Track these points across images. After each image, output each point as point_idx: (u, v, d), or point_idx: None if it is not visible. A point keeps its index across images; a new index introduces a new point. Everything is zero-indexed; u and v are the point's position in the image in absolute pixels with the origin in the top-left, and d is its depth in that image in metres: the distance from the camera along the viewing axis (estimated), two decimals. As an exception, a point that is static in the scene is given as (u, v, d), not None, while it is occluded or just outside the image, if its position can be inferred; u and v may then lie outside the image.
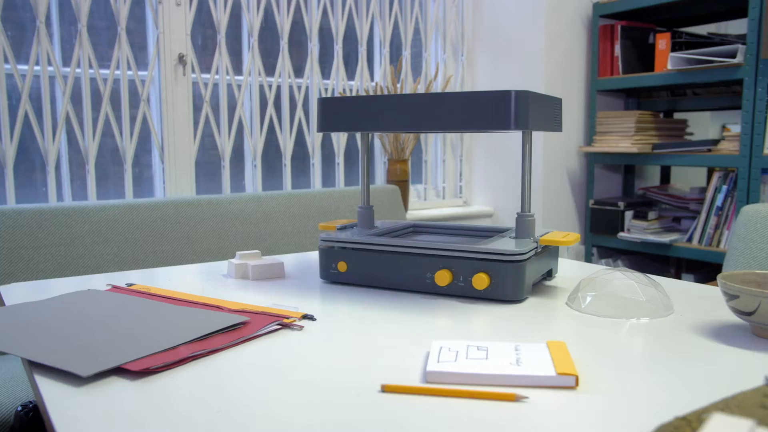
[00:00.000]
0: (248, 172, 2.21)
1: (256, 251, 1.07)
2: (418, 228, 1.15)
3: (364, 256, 0.96)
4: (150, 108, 1.99)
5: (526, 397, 0.55)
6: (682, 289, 0.97)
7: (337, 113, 0.96)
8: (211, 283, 1.01)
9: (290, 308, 0.83)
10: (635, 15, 2.49)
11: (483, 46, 2.66)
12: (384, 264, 0.95)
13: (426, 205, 2.63)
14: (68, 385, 0.59)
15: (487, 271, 0.87)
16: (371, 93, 2.43)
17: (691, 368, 0.63)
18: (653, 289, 0.82)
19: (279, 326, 0.76)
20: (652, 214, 2.43)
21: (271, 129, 2.23)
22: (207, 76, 2.08)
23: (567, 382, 0.57)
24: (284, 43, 2.20)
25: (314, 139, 2.31)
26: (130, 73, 1.93)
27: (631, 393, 0.56)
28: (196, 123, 2.07)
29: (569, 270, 1.12)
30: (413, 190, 2.65)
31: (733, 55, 2.09)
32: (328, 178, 2.41)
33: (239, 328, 0.73)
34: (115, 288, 0.94)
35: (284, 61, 2.21)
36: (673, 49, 2.24)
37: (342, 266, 0.98)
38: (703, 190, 2.45)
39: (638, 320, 0.79)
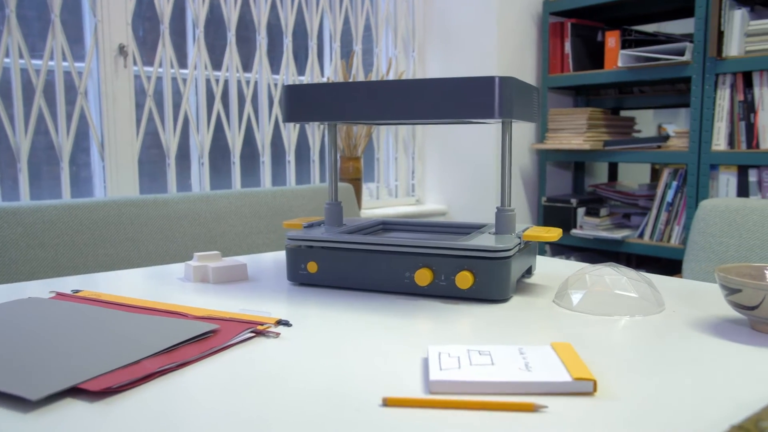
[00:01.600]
0: (195, 170, 2.10)
1: (216, 252, 0.99)
2: (388, 225, 1.09)
3: (336, 255, 0.90)
4: (88, 102, 1.86)
5: (545, 407, 0.50)
6: (667, 285, 0.95)
7: (306, 102, 0.89)
8: (168, 287, 0.92)
9: (261, 313, 0.76)
10: (584, 13, 2.50)
11: (434, 42, 2.63)
12: (359, 263, 0.88)
13: (379, 203, 2.58)
14: (15, 411, 0.50)
15: (471, 269, 0.82)
16: (322, 89, 2.36)
17: (702, 368, 0.59)
18: (645, 285, 0.79)
19: (253, 334, 0.68)
20: (603, 211, 2.45)
21: (218, 125, 2.13)
22: (150, 69, 1.97)
23: (584, 387, 0.52)
24: (231, 36, 2.11)
25: (264, 136, 2.22)
26: (65, 64, 1.80)
27: (651, 397, 0.52)
28: (138, 119, 1.95)
29: (544, 267, 1.08)
30: (365, 188, 2.59)
31: (681, 53, 2.12)
32: (278, 177, 2.32)
33: (208, 338, 0.66)
34: (59, 295, 0.84)
35: (232, 55, 2.11)
36: (623, 47, 2.26)
37: (312, 267, 0.91)
38: (652, 186, 2.48)
39: (632, 317, 0.76)
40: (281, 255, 1.19)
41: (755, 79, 1.99)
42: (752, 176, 2.02)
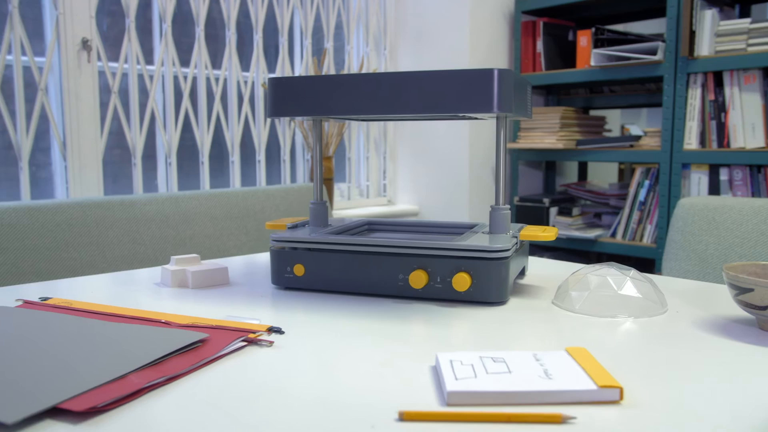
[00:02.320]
0: (161, 170, 2.02)
1: (194, 255, 0.94)
2: (373, 225, 1.05)
3: (325, 257, 0.85)
4: (49, 99, 1.77)
5: (574, 417, 0.46)
6: (664, 284, 0.93)
7: (294, 95, 0.85)
8: (144, 293, 0.86)
9: (250, 320, 0.71)
10: (556, 12, 2.50)
11: (406, 39, 2.60)
12: (349, 265, 0.84)
13: (350, 204, 2.54)
14: (-13, 435, 0.44)
15: (469, 271, 0.79)
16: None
17: (720, 370, 0.57)
18: (648, 285, 0.76)
19: (244, 343, 0.64)
20: (575, 210, 2.46)
21: (186, 124, 2.06)
22: (115, 64, 1.89)
23: (611, 395, 0.49)
24: (200, 31, 2.04)
25: (233, 135, 2.15)
26: (24, 58, 1.71)
27: (678, 403, 0.49)
28: (103, 117, 1.87)
29: (533, 267, 1.05)
30: (336, 189, 2.54)
31: (653, 53, 2.13)
32: (247, 177, 2.26)
33: (197, 348, 0.61)
34: (27, 303, 0.78)
35: (200, 51, 2.05)
36: (595, 46, 2.26)
37: (299, 269, 0.86)
38: (623, 186, 2.49)
39: (636, 319, 0.73)
40: (261, 257, 1.14)
41: (726, 78, 2.01)
42: (723, 175, 2.04)
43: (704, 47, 2.03)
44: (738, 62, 1.96)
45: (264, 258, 1.14)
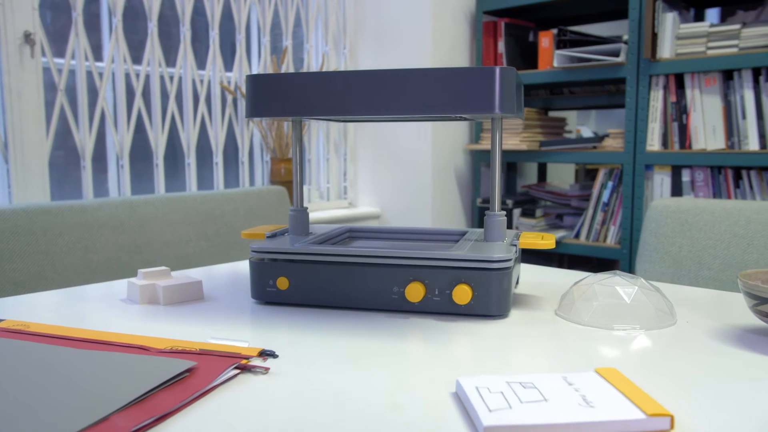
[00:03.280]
0: (112, 173, 1.91)
1: (164, 268, 0.86)
2: (355, 233, 0.99)
3: (312, 269, 0.79)
4: (-12, 97, 1.64)
5: (630, 454, 0.42)
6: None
7: (275, 94, 0.78)
8: (110, 312, 0.78)
9: (237, 342, 0.64)
10: (517, 13, 2.49)
11: (366, 38, 2.54)
12: (339, 278, 0.78)
13: (310, 207, 2.46)
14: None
15: (470, 282, 0.74)
16: (251, 86, 2.21)
17: (759, 389, 0.53)
18: (657, 294, 0.73)
19: (237, 370, 0.57)
20: (539, 212, 2.45)
21: (139, 124, 1.95)
22: (61, 60, 1.77)
23: (661, 425, 0.45)
24: (153, 27, 1.93)
25: (189, 136, 2.05)
26: (-40, 53, 1.58)
27: (733, 428, 0.45)
28: (48, 116, 1.74)
29: (523, 275, 1.01)
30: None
31: (616, 54, 2.13)
32: (203, 180, 2.16)
33: (184, 379, 0.53)
34: (-23, 328, 0.69)
35: (153, 48, 1.94)
36: (558, 47, 2.26)
37: (282, 283, 0.80)
38: (584, 186, 2.50)
39: (648, 331, 0.69)
40: (233, 267, 1.07)
41: (687, 81, 2.03)
42: (685, 176, 2.06)
43: (666, 50, 2.04)
44: (698, 65, 1.98)
45: (237, 268, 1.06)
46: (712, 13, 2.96)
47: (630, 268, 2.16)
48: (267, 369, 0.57)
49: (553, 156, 2.31)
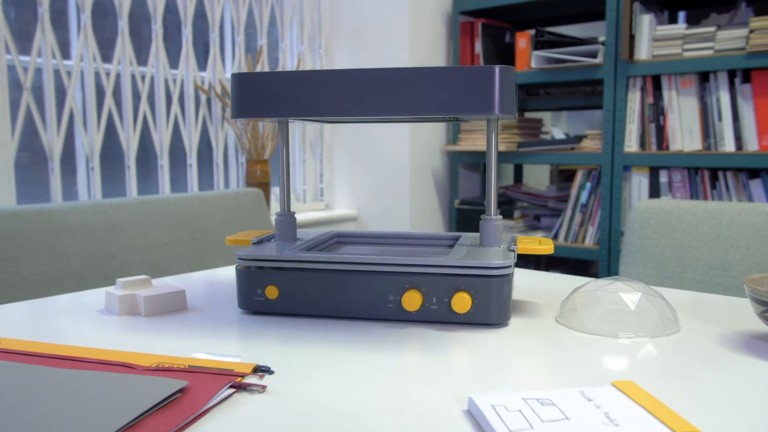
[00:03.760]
0: (82, 176, 1.84)
1: (144, 277, 0.81)
2: (343, 238, 0.96)
3: (304, 277, 0.75)
4: (-51, 96, 1.57)
5: (665, 478, 0.39)
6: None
7: (263, 94, 0.74)
8: (87, 324, 0.73)
9: (229, 357, 0.61)
10: (494, 13, 2.48)
11: (342, 38, 2.51)
12: (332, 286, 0.74)
13: (287, 209, 2.41)
14: None
15: (469, 290, 0.71)
16: (228, 87, 2.16)
17: (781, 401, 0.51)
18: (661, 300, 0.71)
19: (232, 389, 0.53)
20: (517, 213, 2.44)
21: (110, 125, 1.88)
22: (26, 58, 1.69)
23: (691, 444, 0.42)
24: (123, 24, 1.87)
25: (162, 137, 1.99)
26: None
27: (762, 448, 0.43)
28: (14, 116, 1.67)
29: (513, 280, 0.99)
30: (271, 193, 2.41)
31: (594, 56, 2.13)
32: (177, 182, 2.10)
33: (176, 400, 0.50)
34: (-57, 345, 0.64)
35: (124, 46, 1.88)
36: (536, 48, 2.25)
37: (272, 292, 0.76)
38: (561, 188, 2.50)
39: (653, 339, 0.67)
40: (213, 275, 1.02)
41: (664, 82, 2.04)
42: (663, 177, 2.07)
43: (643, 51, 2.05)
44: (675, 66, 1.99)
45: (218, 275, 1.02)
46: (684, 16, 2.99)
47: (608, 269, 2.16)
48: (264, 387, 0.54)
49: (531, 157, 2.30)
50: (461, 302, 0.70)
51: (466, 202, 2.47)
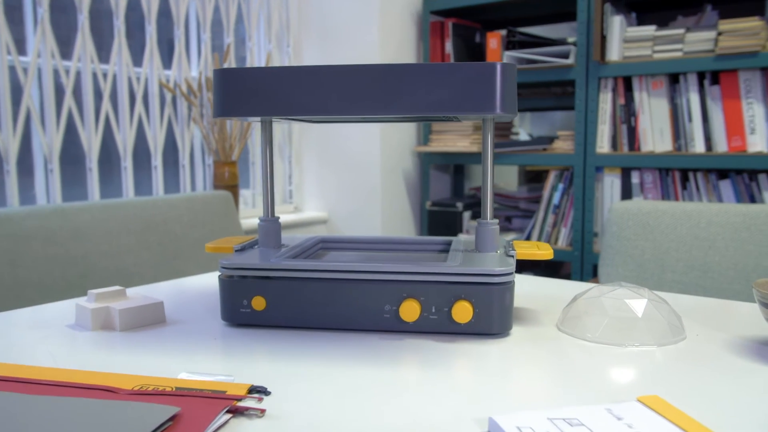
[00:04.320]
0: (40, 178, 1.75)
1: (119, 288, 0.76)
2: (328, 244, 0.91)
3: (294, 286, 0.70)
4: None
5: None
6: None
7: (250, 91, 0.69)
8: (56, 341, 0.67)
9: (220, 378, 0.56)
10: (465, 13, 2.46)
11: (311, 37, 2.45)
12: (325, 296, 0.70)
13: (255, 212, 2.35)
14: None
15: (470, 299, 0.68)
16: (194, 85, 2.09)
17: (810, 414, 0.49)
18: (666, 307, 0.69)
19: (229, 415, 0.48)
20: (488, 214, 2.42)
21: (70, 125, 1.79)
22: (-21, 54, 1.60)
23: (737, 467, 0.40)
24: (84, 19, 1.78)
25: (126, 138, 1.91)
26: None
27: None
28: (-35, 115, 1.57)
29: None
30: (239, 196, 2.35)
31: (565, 56, 2.13)
32: (141, 185, 2.02)
33: (168, 428, 0.45)
34: None
35: (84, 42, 1.79)
36: (507, 48, 2.24)
37: (258, 303, 0.71)
38: (532, 188, 2.49)
39: (661, 347, 0.65)
40: (188, 283, 0.97)
41: (635, 83, 2.05)
42: (635, 178, 2.08)
43: (614, 52, 2.05)
44: (645, 68, 1.99)
45: (195, 283, 0.96)
46: (651, 19, 3.02)
47: (582, 270, 2.16)
48: (263, 411, 0.49)
49: (503, 158, 2.29)
50: (462, 311, 0.67)
51: (437, 204, 2.44)
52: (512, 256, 0.73)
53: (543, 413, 0.45)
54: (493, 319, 0.68)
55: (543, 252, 0.74)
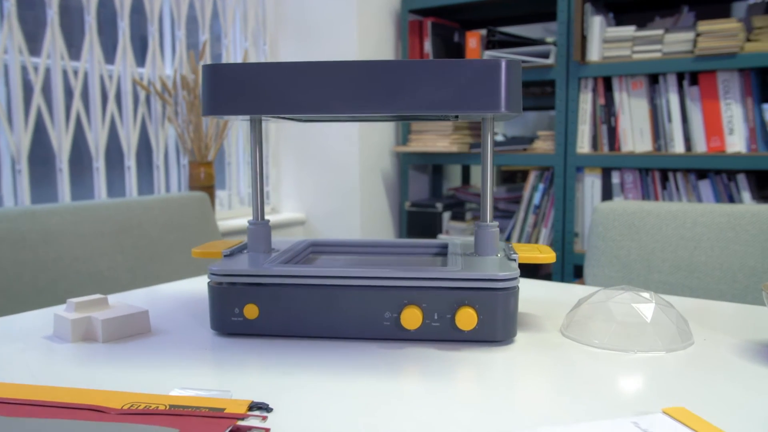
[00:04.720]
0: (7, 179, 1.68)
1: (100, 296, 0.71)
2: (318, 248, 0.88)
3: (288, 293, 0.67)
4: None
5: None
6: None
7: (240, 88, 0.66)
8: (33, 354, 0.63)
9: (216, 393, 0.52)
10: (444, 12, 2.44)
11: (288, 35, 2.41)
12: (322, 304, 0.67)
13: (231, 214, 2.30)
14: None
15: (474, 304, 0.65)
16: (168, 84, 2.03)
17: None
18: (674, 311, 0.67)
19: (230, 435, 0.45)
20: (468, 215, 2.41)
21: (39, 124, 1.73)
22: (-57, 49, 1.53)
23: (780, 485, 0.37)
24: (53, 14, 1.72)
25: (98, 137, 1.85)
26: None
27: None
28: (-72, 113, 1.50)
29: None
30: (215, 197, 2.29)
31: (546, 56, 2.12)
32: (114, 187, 1.96)
33: (165, 453, 0.41)
34: None
35: (54, 38, 1.73)
36: (487, 48, 2.23)
37: (251, 311, 0.68)
38: (511, 189, 2.49)
39: (671, 353, 0.63)
40: (169, 289, 0.92)
41: (615, 84, 2.05)
42: (615, 178, 2.08)
43: (594, 53, 2.05)
44: (625, 68, 2.00)
45: (178, 289, 0.92)
46: (628, 19, 3.04)
47: (562, 271, 2.15)
48: (267, 430, 0.46)
49: (479, 158, 2.27)
50: (466, 318, 0.64)
51: (417, 204, 2.42)
52: (514, 260, 0.71)
53: (565, 428, 0.43)
54: (497, 325, 0.65)
55: (545, 255, 0.72)
